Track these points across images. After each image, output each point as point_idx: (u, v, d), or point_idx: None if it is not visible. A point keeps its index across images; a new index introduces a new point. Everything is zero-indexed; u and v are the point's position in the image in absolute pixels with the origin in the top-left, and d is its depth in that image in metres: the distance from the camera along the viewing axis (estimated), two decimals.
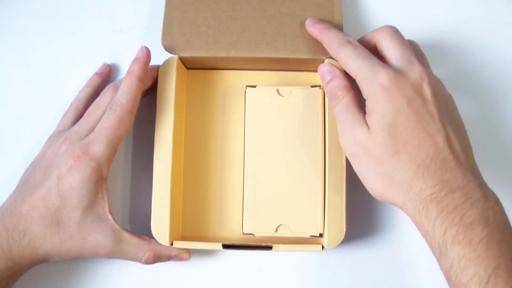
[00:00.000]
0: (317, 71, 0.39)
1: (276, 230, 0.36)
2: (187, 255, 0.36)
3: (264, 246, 0.35)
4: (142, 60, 0.35)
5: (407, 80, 0.29)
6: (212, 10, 0.36)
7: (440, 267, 0.28)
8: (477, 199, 0.27)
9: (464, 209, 0.27)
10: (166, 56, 0.36)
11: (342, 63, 0.32)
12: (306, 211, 0.35)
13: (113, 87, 0.36)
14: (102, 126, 0.33)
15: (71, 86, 0.40)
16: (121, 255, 0.34)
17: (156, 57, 0.36)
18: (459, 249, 0.26)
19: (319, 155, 0.36)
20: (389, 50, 0.31)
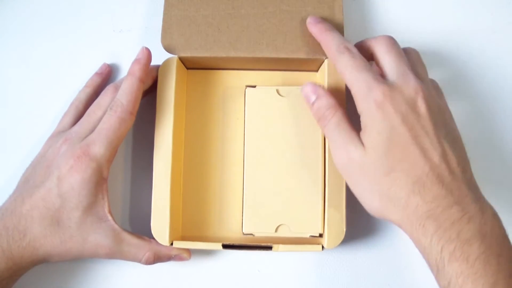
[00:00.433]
0: (317, 71, 0.39)
1: (276, 230, 0.35)
2: (187, 255, 0.36)
3: (264, 246, 0.35)
4: (143, 61, 0.35)
5: (401, 95, 0.29)
6: (211, 8, 0.36)
7: (438, 284, 0.28)
8: (474, 214, 0.27)
9: (461, 224, 0.26)
10: (166, 56, 0.36)
11: (339, 70, 0.31)
12: (306, 211, 0.35)
13: (113, 87, 0.36)
14: (102, 127, 0.33)
15: (71, 86, 0.40)
16: (121, 255, 0.34)
17: (156, 57, 0.36)
18: (457, 265, 0.26)
19: (319, 155, 0.36)
20: (385, 63, 0.31)
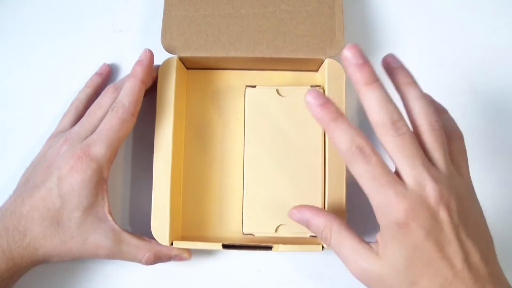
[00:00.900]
0: (317, 70, 0.39)
1: (276, 230, 0.35)
2: (188, 255, 0.36)
3: (264, 246, 0.35)
4: (145, 63, 0.35)
5: (422, 209, 0.27)
6: (211, 8, 0.36)
7: None
8: None
9: None
10: (166, 56, 0.36)
11: (354, 175, 0.29)
12: None
13: (113, 87, 0.36)
14: (103, 128, 0.33)
15: (71, 86, 0.40)
16: (121, 255, 0.34)
17: (155, 57, 0.36)
18: None
19: (318, 155, 0.36)
20: (400, 162, 0.29)
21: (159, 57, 0.36)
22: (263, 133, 0.36)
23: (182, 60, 0.37)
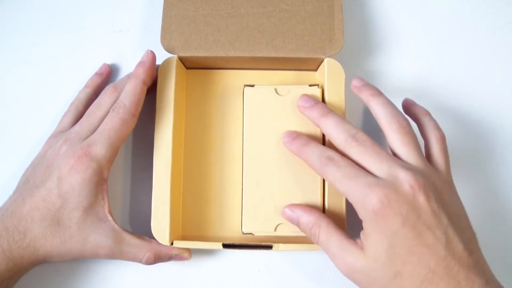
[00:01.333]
0: (316, 70, 0.39)
1: (275, 230, 0.35)
2: (188, 254, 0.36)
3: (264, 246, 0.35)
4: (147, 64, 0.35)
5: (398, 195, 0.28)
6: (211, 7, 0.36)
7: None
8: None
9: None
10: (166, 55, 0.36)
11: (329, 183, 0.31)
12: None
13: (113, 87, 0.36)
14: (104, 128, 0.33)
15: (71, 86, 0.40)
16: (121, 255, 0.34)
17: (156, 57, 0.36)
18: None
19: None
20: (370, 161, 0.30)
21: (159, 57, 0.36)
22: (262, 133, 0.36)
23: (181, 60, 0.37)
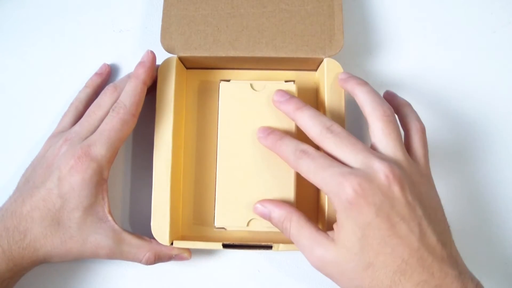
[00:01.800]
0: (316, 70, 0.39)
1: (248, 225, 0.35)
2: (188, 254, 0.36)
3: (264, 246, 0.35)
4: (147, 64, 0.35)
5: (372, 184, 0.27)
6: (211, 7, 0.36)
7: None
8: None
9: None
10: (166, 55, 0.36)
11: (304, 175, 0.30)
12: None
13: (113, 87, 0.36)
14: (104, 128, 0.33)
15: (70, 86, 0.40)
16: (121, 256, 0.34)
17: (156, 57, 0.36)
18: None
19: None
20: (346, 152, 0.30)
21: (159, 57, 0.36)
22: (237, 128, 0.36)
23: (181, 60, 0.37)
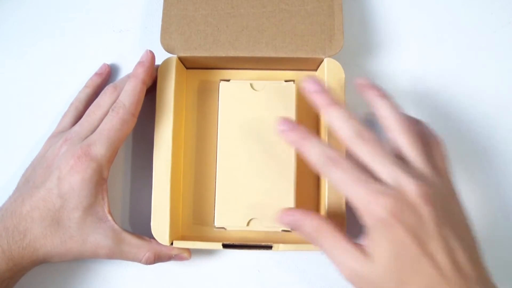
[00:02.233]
0: (316, 70, 0.39)
1: (248, 224, 0.35)
2: (188, 254, 0.36)
3: (264, 246, 0.34)
4: (146, 64, 0.35)
5: (403, 205, 0.27)
6: (211, 7, 0.36)
7: None
8: None
9: None
10: (165, 55, 0.36)
11: (332, 183, 0.30)
12: (278, 205, 0.35)
13: (113, 87, 0.36)
14: (104, 127, 0.33)
15: (70, 86, 0.40)
16: (121, 255, 0.34)
17: (155, 56, 0.36)
18: None
19: (291, 150, 0.35)
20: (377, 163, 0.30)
21: (159, 56, 0.36)
22: (237, 127, 0.36)
23: (181, 60, 0.37)
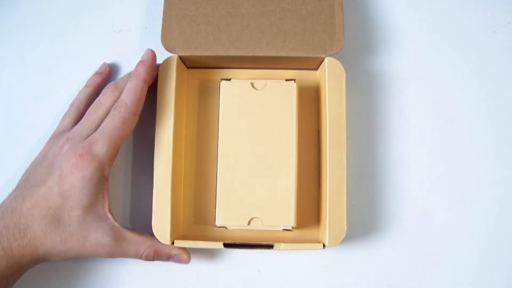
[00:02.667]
0: (316, 69, 0.39)
1: (249, 223, 0.35)
2: (187, 257, 0.36)
3: (265, 245, 0.34)
4: (147, 63, 0.35)
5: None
6: (211, 7, 0.37)
7: None
8: None
9: None
10: (166, 55, 0.36)
11: None
12: (279, 204, 0.35)
13: (113, 86, 0.36)
14: (105, 126, 0.34)
15: (71, 86, 0.40)
16: (122, 253, 0.34)
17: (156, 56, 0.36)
18: None
19: (292, 149, 0.35)
20: None
21: (160, 56, 0.36)
22: (238, 127, 0.36)
23: (182, 59, 0.37)
